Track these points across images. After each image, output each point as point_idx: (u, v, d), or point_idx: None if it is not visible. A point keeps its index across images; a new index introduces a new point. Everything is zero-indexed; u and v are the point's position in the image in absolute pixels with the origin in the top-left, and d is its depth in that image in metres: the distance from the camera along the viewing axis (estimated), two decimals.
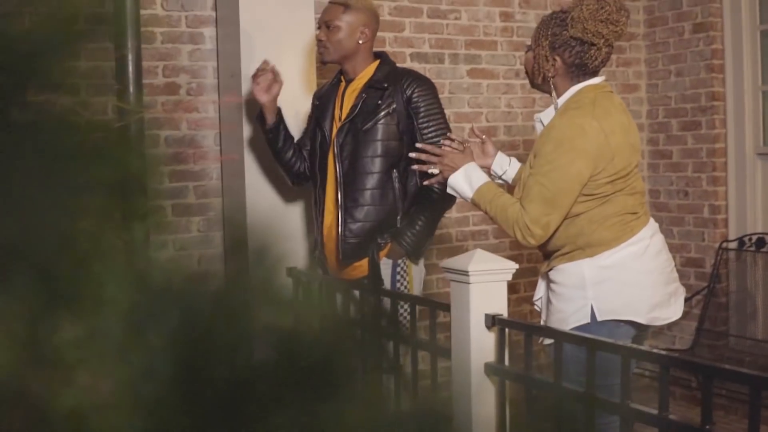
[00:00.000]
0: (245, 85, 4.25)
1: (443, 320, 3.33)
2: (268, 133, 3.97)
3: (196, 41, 4.58)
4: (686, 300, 5.47)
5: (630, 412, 2.44)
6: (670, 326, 5.70)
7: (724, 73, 5.49)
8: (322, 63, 3.98)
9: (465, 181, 3.19)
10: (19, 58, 0.58)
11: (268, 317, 0.53)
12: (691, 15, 5.60)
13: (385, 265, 3.73)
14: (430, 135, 3.70)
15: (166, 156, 4.51)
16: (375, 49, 3.94)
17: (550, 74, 3.14)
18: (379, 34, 4.97)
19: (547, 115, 3.20)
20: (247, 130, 4.25)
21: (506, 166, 3.52)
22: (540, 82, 3.19)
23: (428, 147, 3.41)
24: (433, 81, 5.09)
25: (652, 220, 3.20)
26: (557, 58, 3.11)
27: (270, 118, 3.94)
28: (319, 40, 3.86)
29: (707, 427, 2.19)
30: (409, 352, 3.40)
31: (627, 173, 3.06)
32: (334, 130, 3.83)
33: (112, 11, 4.12)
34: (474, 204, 3.21)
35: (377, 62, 3.86)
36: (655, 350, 2.49)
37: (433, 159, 3.34)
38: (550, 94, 3.19)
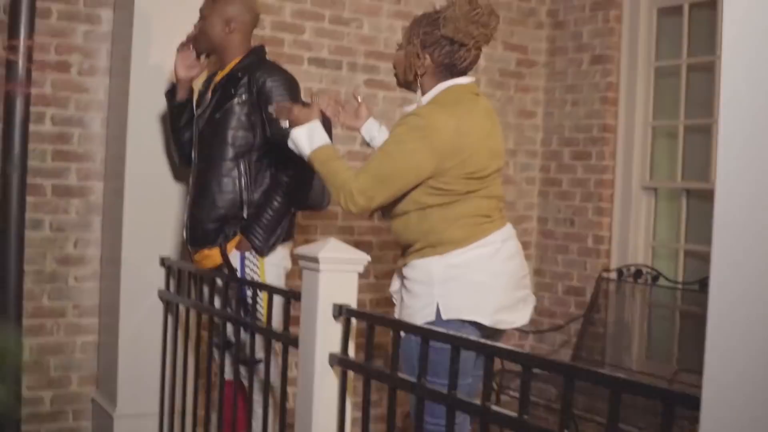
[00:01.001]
0: (134, 71, 4.22)
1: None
2: (174, 108, 4.01)
3: (93, 21, 4.54)
4: (562, 327, 5.55)
5: (456, 403, 2.45)
6: (548, 353, 5.76)
7: (617, 106, 5.60)
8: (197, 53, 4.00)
9: (307, 137, 3.20)
10: None
11: None
12: (590, 47, 5.70)
13: (234, 258, 3.72)
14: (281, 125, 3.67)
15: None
16: (255, 44, 3.95)
17: (420, 71, 3.17)
18: (278, 35, 5.00)
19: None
20: (132, 116, 4.22)
21: (375, 132, 3.59)
22: (411, 79, 3.22)
23: (282, 103, 3.43)
24: (329, 87, 5.13)
25: (509, 225, 3.23)
26: (427, 57, 3.16)
27: (182, 94, 4.00)
28: (194, 31, 3.95)
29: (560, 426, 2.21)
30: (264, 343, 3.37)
31: (483, 176, 3.09)
32: None
33: None
34: (309, 163, 3.21)
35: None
36: (498, 345, 2.48)
37: (283, 114, 3.34)
38: (415, 92, 3.22)
